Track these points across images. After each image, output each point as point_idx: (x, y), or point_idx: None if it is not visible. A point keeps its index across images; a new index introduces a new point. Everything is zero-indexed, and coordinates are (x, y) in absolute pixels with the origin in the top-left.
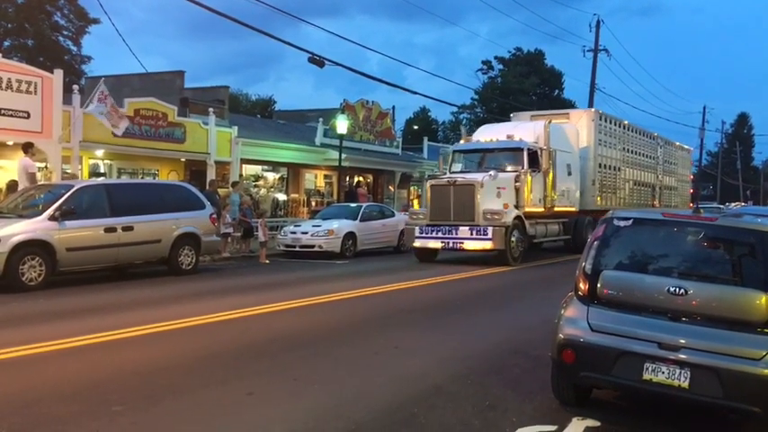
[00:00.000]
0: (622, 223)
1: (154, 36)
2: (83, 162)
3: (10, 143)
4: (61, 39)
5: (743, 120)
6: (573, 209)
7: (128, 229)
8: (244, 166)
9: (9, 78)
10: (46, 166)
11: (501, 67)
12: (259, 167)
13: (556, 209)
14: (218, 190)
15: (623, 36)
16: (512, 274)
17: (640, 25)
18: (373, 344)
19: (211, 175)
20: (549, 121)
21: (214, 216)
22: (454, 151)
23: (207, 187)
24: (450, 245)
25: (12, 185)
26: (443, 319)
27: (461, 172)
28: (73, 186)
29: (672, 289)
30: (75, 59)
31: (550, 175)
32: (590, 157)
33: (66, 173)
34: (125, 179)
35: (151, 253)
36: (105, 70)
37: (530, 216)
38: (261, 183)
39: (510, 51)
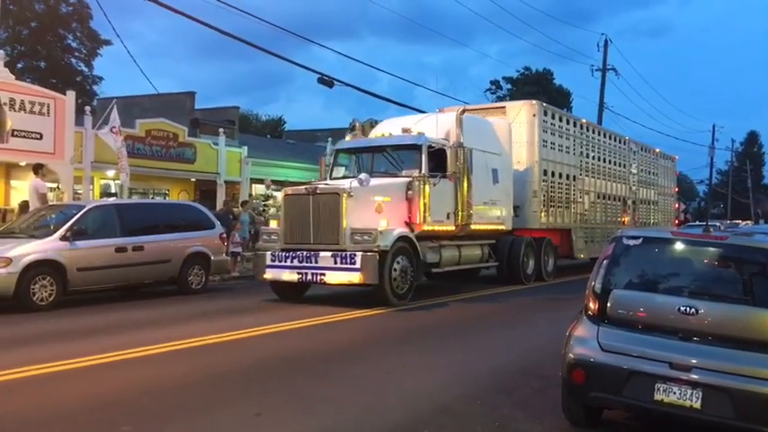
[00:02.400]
0: (632, 242)
1: (165, 57)
2: (94, 182)
3: (23, 164)
4: (73, 60)
5: (753, 138)
6: (502, 227)
7: (138, 248)
8: (253, 185)
9: (22, 100)
10: (58, 187)
11: (509, 86)
12: None
13: (475, 227)
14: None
15: (632, 56)
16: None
17: (649, 45)
18: (384, 363)
19: (221, 194)
20: (462, 111)
21: (224, 235)
22: (337, 151)
23: (221, 206)
24: (309, 276)
25: (24, 206)
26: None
27: (343, 179)
28: (84, 207)
29: (683, 308)
30: (87, 81)
31: (465, 181)
32: (531, 162)
33: (78, 194)
34: (136, 199)
35: (161, 272)
36: (117, 91)
37: (432, 236)
38: (270, 202)
39: (518, 71)
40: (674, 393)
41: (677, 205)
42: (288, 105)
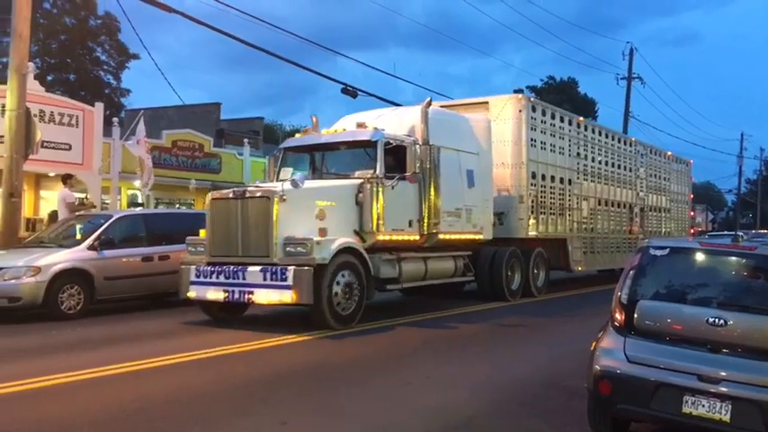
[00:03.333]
0: (658, 252)
1: (191, 69)
2: (121, 192)
3: (52, 174)
4: (102, 73)
5: None
6: (480, 236)
7: (164, 258)
8: None
9: (52, 112)
10: (86, 197)
11: (533, 95)
12: None
13: (445, 236)
14: None
15: (659, 64)
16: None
17: (676, 53)
18: (405, 374)
19: None
20: (428, 104)
21: None
22: (285, 149)
23: None
24: (236, 295)
25: (53, 215)
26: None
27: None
28: (112, 216)
29: (711, 320)
30: (116, 93)
31: (431, 184)
32: (517, 163)
33: (106, 204)
34: (162, 209)
35: None
36: (144, 103)
37: (391, 247)
38: None
39: (542, 80)
40: (703, 406)
41: (692, 213)
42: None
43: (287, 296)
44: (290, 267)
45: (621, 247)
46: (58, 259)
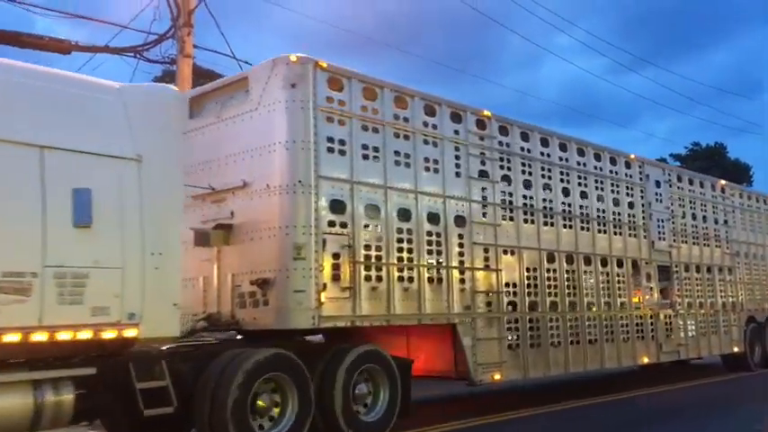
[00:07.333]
0: None
1: None
2: None
3: None
4: None
5: None
6: (124, 332)
7: None
8: None
9: None
10: None
11: (677, 164)
12: None
13: None
14: None
15: None
16: None
17: None
18: None
19: None
20: None
21: None
22: None
23: None
24: None
25: None
26: None
27: None
28: None
29: None
30: None
31: None
32: (292, 186)
33: None
34: None
35: None
36: None
37: None
38: None
39: (686, 147)
40: None
41: None
42: None
43: None
44: None
45: (619, 330)
46: None
